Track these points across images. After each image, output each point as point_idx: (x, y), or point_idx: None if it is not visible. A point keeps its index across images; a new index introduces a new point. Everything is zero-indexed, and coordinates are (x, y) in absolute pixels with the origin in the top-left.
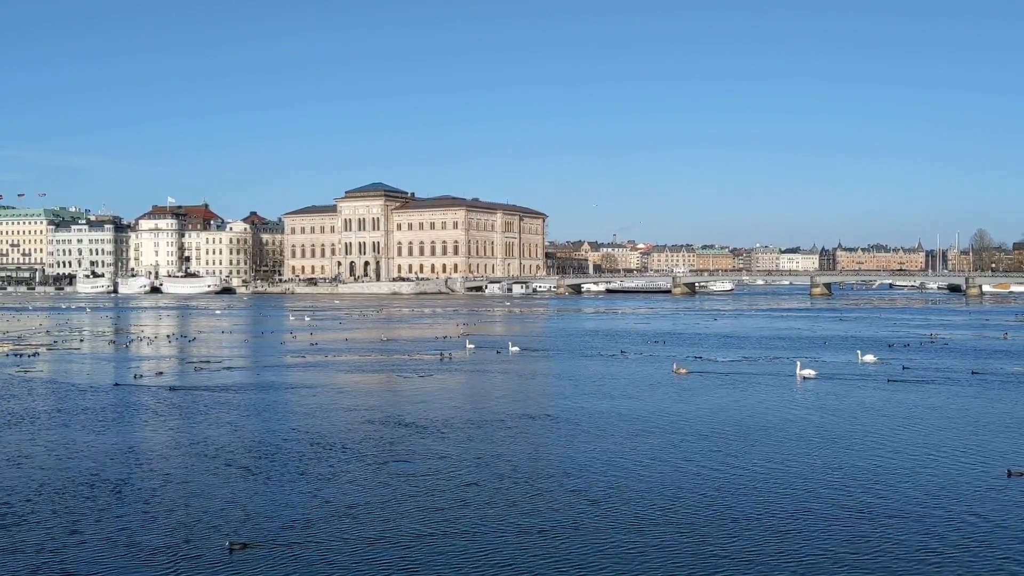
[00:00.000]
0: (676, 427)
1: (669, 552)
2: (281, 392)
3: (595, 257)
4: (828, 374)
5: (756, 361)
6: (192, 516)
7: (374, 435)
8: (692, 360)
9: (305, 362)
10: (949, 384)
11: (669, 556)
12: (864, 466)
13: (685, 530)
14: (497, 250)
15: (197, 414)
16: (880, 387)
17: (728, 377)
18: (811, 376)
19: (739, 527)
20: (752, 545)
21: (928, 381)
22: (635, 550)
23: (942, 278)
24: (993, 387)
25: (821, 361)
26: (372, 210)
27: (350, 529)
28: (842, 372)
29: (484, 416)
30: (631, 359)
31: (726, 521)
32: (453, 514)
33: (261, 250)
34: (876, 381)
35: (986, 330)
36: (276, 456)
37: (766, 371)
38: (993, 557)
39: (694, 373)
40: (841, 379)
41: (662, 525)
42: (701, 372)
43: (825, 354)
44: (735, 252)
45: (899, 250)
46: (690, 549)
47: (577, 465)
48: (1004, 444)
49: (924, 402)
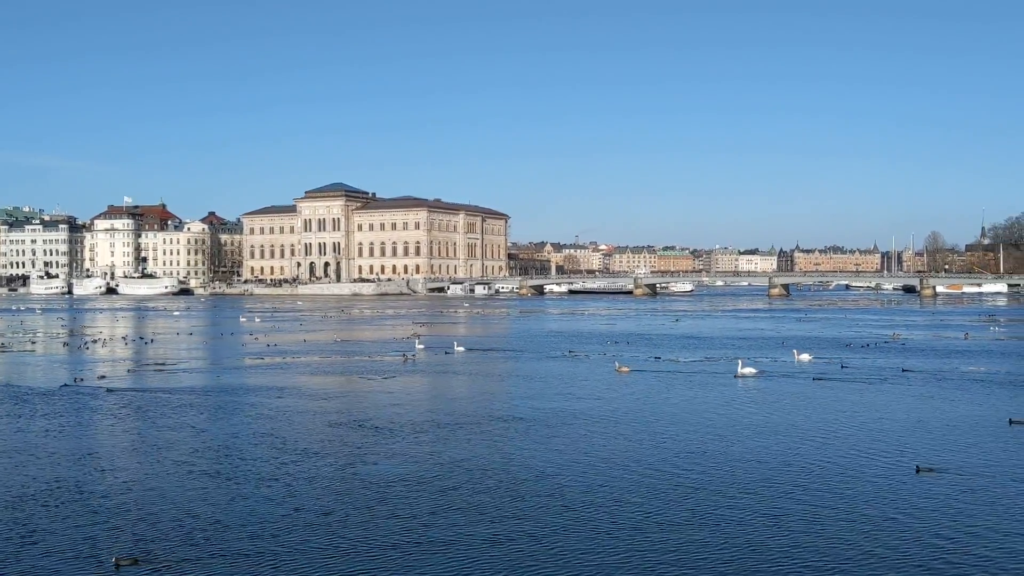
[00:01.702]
0: (608, 423)
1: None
2: (227, 395)
3: (557, 258)
4: (768, 373)
5: (708, 361)
6: (95, 527)
7: (307, 438)
8: (652, 360)
9: (259, 364)
10: (878, 382)
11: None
12: (776, 462)
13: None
14: (459, 251)
15: (139, 417)
16: (806, 386)
17: (669, 375)
18: (751, 375)
19: (640, 522)
20: (651, 541)
21: (857, 379)
22: (540, 543)
23: (897, 279)
24: (918, 385)
25: (765, 360)
26: (332, 210)
27: (260, 542)
28: (780, 371)
29: (406, 418)
30: (578, 359)
31: (621, 514)
32: (372, 519)
33: (219, 251)
34: (804, 380)
35: (948, 330)
36: (212, 461)
37: (709, 370)
38: (898, 552)
39: (636, 372)
40: (777, 378)
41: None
42: (643, 371)
43: (773, 354)
44: (695, 254)
45: (855, 252)
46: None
47: (502, 462)
48: (915, 440)
49: (846, 399)
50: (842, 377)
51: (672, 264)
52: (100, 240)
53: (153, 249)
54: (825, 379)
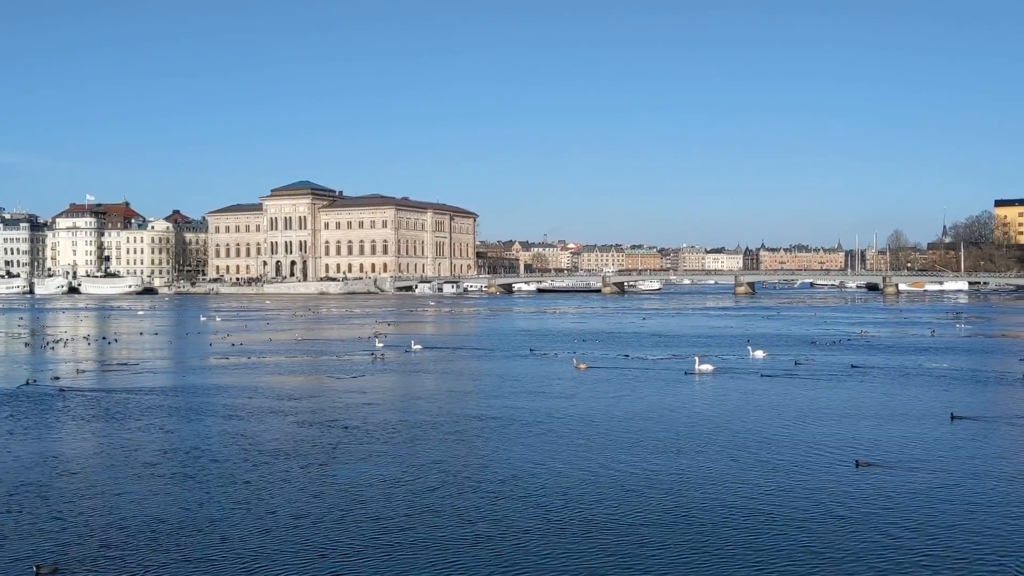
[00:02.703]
0: (559, 420)
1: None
2: (190, 395)
3: (526, 257)
4: (724, 369)
5: (673, 359)
6: (21, 535)
7: (273, 438)
8: (622, 358)
9: (223, 365)
10: (827, 378)
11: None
12: (716, 457)
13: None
14: (427, 249)
15: (97, 419)
16: (756, 382)
17: (625, 372)
18: (708, 371)
19: (570, 520)
20: (578, 536)
21: (807, 376)
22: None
23: (861, 277)
24: (866, 381)
25: (724, 357)
26: (299, 209)
27: (226, 547)
28: (736, 367)
29: (363, 417)
30: (539, 357)
31: (552, 510)
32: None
33: (184, 249)
34: (756, 377)
35: (915, 328)
36: (172, 463)
37: (667, 366)
38: (832, 545)
39: (593, 368)
40: (731, 374)
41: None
42: (600, 367)
43: (735, 351)
44: (663, 252)
45: (820, 250)
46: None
47: (450, 459)
48: (856, 436)
49: (793, 395)
50: (792, 374)
51: (640, 263)
52: (62, 239)
53: (116, 248)
54: (775, 376)
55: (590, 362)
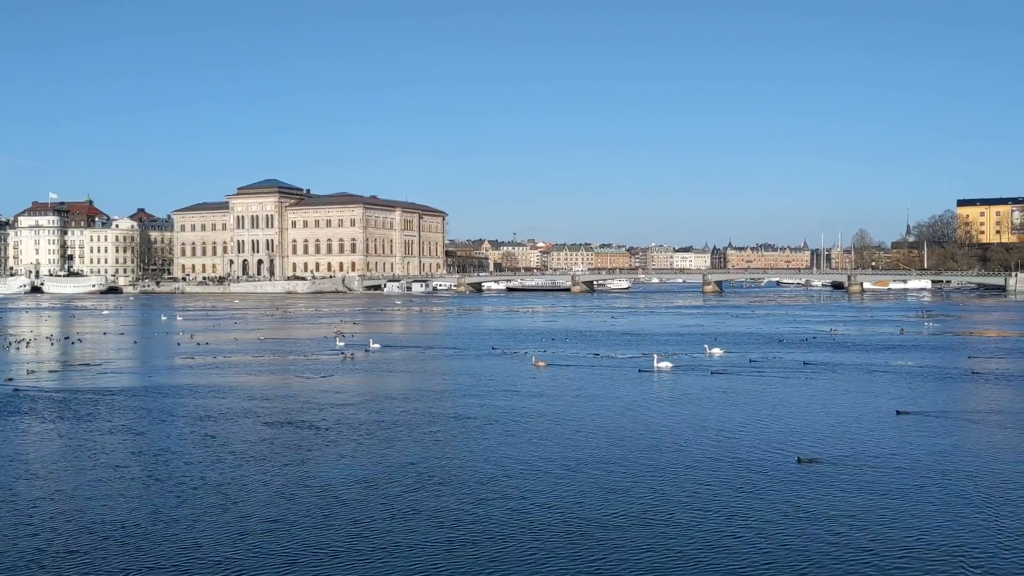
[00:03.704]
0: (511, 417)
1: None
2: (155, 396)
3: (495, 256)
4: (682, 367)
5: (639, 358)
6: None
7: (238, 439)
8: (588, 356)
9: (188, 365)
10: (779, 376)
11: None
12: (662, 452)
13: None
14: (396, 248)
15: (62, 419)
16: (709, 379)
17: (583, 369)
18: (666, 369)
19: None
20: (518, 533)
21: (759, 373)
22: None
23: (826, 276)
24: (817, 378)
25: (684, 355)
26: (266, 207)
27: (200, 553)
28: (693, 365)
29: (314, 417)
30: (501, 355)
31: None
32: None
33: (149, 248)
34: (711, 374)
35: (884, 326)
36: (139, 466)
37: (626, 364)
38: (774, 542)
39: (552, 366)
40: (687, 372)
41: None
42: (559, 365)
43: (698, 349)
44: (631, 251)
45: (786, 249)
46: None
47: (402, 458)
48: (800, 432)
49: (743, 392)
50: (744, 371)
51: (609, 261)
52: (24, 237)
53: (80, 247)
54: (726, 373)
55: (551, 360)
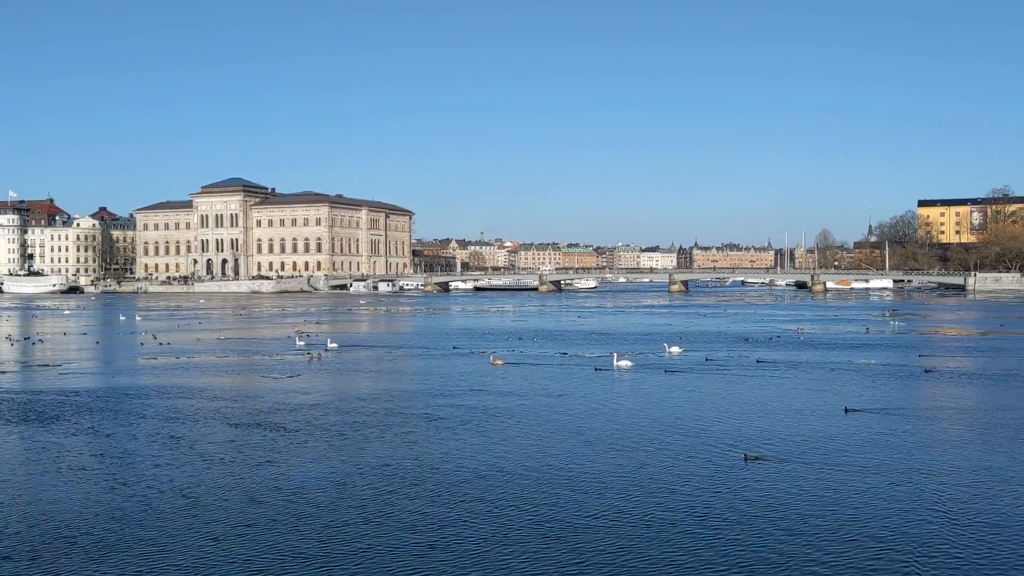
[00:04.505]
0: (463, 414)
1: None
2: (117, 397)
3: (463, 255)
4: (641, 365)
5: (602, 357)
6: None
7: (204, 440)
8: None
9: (151, 365)
10: (732, 374)
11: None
12: (609, 450)
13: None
14: (362, 247)
15: (21, 421)
16: (664, 378)
17: (540, 367)
18: (625, 367)
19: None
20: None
21: (714, 371)
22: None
23: (790, 275)
24: (768, 376)
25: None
26: (230, 206)
27: (163, 559)
28: (652, 363)
29: (269, 418)
30: (458, 355)
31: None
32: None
33: (111, 247)
34: (668, 373)
35: (851, 324)
36: (92, 468)
37: (583, 363)
38: (719, 539)
39: (509, 364)
40: (645, 370)
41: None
42: (517, 364)
43: (657, 348)
44: (599, 251)
45: (751, 249)
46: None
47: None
48: (749, 429)
49: (693, 390)
50: (699, 369)
51: (576, 261)
52: None
53: (40, 246)
54: (680, 372)
55: (513, 360)
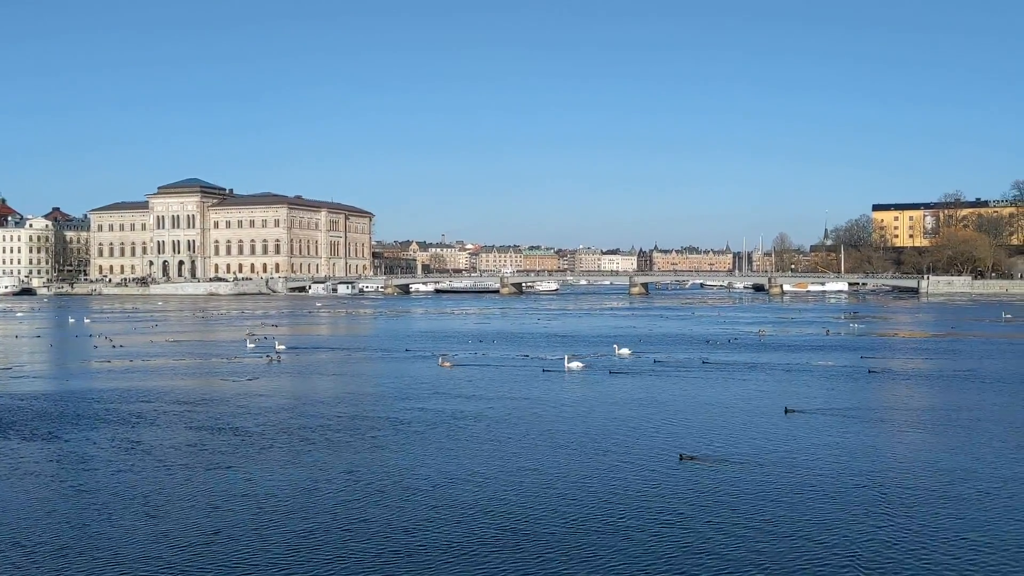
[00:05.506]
0: (411, 414)
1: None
2: (69, 401)
3: (424, 257)
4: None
5: (556, 359)
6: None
7: (160, 445)
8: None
9: (102, 368)
10: (678, 375)
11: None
12: (547, 449)
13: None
14: (321, 249)
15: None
16: (605, 379)
17: (488, 369)
18: (577, 369)
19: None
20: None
21: (656, 373)
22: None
23: (748, 278)
24: (713, 377)
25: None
26: (187, 207)
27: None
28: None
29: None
30: (409, 358)
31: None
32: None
33: (65, 249)
34: (615, 374)
35: (811, 327)
36: (47, 474)
37: (531, 364)
38: (651, 538)
39: (458, 366)
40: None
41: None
42: (465, 366)
43: (609, 349)
44: (560, 253)
45: (710, 252)
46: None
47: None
48: (687, 429)
49: (636, 391)
50: (647, 371)
51: (538, 263)
52: None
53: None
54: (628, 373)
55: (461, 362)
